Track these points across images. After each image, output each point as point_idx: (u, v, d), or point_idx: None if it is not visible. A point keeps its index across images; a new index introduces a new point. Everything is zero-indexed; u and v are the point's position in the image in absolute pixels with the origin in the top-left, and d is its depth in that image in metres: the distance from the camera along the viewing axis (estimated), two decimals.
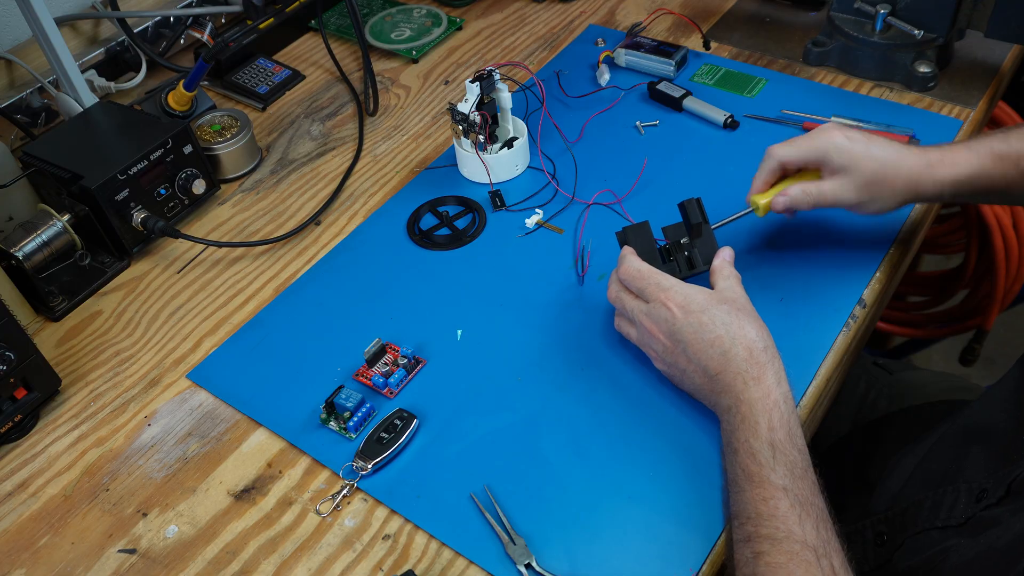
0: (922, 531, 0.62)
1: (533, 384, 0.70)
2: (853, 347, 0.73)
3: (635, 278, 0.66)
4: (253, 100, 1.04)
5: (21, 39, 0.98)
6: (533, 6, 1.15)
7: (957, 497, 0.60)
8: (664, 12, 1.07)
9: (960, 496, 0.60)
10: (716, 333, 0.62)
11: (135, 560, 0.63)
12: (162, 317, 0.80)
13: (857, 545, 0.68)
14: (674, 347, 0.64)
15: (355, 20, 1.01)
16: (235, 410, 0.72)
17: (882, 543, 0.66)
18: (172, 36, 1.07)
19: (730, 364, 0.61)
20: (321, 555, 0.62)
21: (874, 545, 0.67)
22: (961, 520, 0.59)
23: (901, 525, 0.65)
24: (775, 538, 0.53)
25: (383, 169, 0.93)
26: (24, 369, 0.69)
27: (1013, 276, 1.26)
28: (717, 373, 0.62)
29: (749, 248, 0.78)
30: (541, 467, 0.65)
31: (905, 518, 0.65)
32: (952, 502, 0.61)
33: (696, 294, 0.63)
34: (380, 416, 0.68)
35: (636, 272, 0.66)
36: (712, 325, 0.62)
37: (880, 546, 0.66)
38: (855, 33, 0.93)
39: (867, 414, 0.93)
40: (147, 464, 0.69)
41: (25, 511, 0.67)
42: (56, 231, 0.79)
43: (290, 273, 0.83)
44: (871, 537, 0.67)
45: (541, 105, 0.95)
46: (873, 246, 0.77)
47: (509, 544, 0.60)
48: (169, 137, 0.83)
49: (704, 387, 0.63)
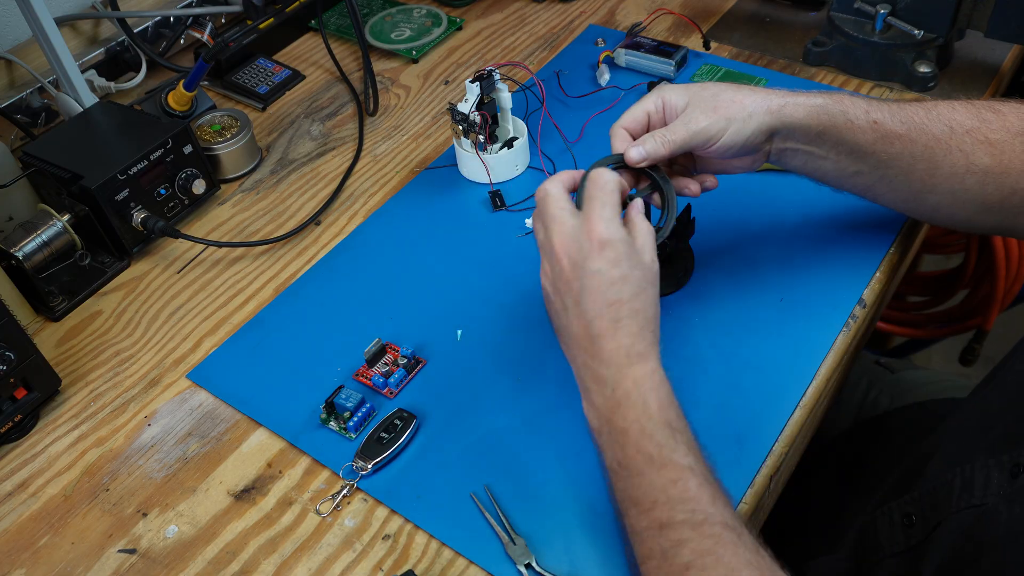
0: (959, 510, 0.58)
1: (533, 384, 0.70)
2: (853, 347, 0.73)
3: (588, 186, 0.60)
4: (253, 100, 1.04)
5: (21, 39, 0.98)
6: (533, 6, 1.15)
7: (988, 474, 0.57)
8: (664, 12, 1.07)
9: (991, 472, 0.57)
10: (619, 296, 0.56)
11: (135, 560, 0.63)
12: (162, 317, 0.80)
13: (884, 529, 0.66)
14: (571, 280, 0.58)
15: (355, 20, 1.01)
16: (235, 410, 0.72)
17: (911, 524, 0.63)
18: (172, 36, 1.07)
19: (618, 334, 0.56)
20: (321, 555, 0.62)
21: (903, 526, 0.64)
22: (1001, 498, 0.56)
23: (932, 506, 0.61)
24: (694, 522, 0.50)
25: (383, 169, 0.93)
26: (24, 369, 0.69)
27: (1013, 276, 1.26)
28: (599, 336, 0.56)
29: (749, 248, 0.78)
30: (541, 467, 0.65)
31: (937, 498, 0.61)
32: (984, 479, 0.57)
33: (622, 246, 0.57)
34: (380, 416, 0.68)
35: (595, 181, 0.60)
36: (620, 286, 0.56)
37: (910, 527, 0.63)
38: (855, 33, 0.93)
39: (868, 411, 0.93)
40: (147, 464, 0.69)
41: (25, 511, 0.67)
42: (56, 231, 0.79)
43: (290, 273, 0.83)
44: (899, 519, 0.64)
45: (541, 105, 0.95)
46: (873, 246, 0.77)
47: (509, 544, 0.60)
48: (169, 137, 0.83)
49: (580, 341, 0.58)
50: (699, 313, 0.73)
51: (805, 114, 0.65)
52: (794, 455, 0.68)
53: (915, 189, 0.69)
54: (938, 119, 0.67)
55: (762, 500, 0.63)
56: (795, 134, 0.66)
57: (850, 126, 0.66)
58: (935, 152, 0.66)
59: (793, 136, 0.67)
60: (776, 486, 0.66)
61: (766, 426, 0.65)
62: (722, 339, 0.71)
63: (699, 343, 0.71)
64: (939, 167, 0.67)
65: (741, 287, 0.75)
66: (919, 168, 0.67)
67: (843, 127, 0.66)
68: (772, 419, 0.66)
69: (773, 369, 0.69)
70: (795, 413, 0.66)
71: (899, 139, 0.66)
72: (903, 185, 0.69)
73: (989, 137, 0.66)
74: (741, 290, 0.75)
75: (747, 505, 0.61)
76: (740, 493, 0.62)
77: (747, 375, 0.69)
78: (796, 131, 0.66)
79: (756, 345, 0.70)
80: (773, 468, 0.64)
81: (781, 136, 0.67)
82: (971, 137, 0.66)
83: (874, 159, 0.68)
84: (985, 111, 0.67)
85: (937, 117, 0.67)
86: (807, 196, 0.82)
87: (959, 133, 0.66)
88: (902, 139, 0.66)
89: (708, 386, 0.68)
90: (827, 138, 0.67)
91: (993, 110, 0.67)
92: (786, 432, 0.65)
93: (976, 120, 0.66)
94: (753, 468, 0.63)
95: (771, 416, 0.66)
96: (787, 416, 0.66)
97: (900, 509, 0.65)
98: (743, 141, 0.65)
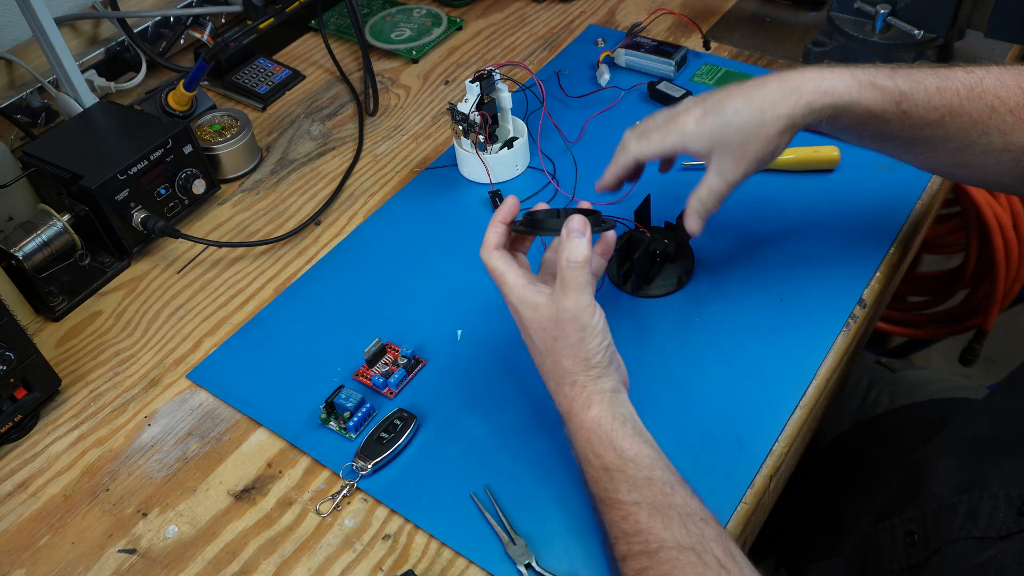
0: (958, 539, 0.59)
1: (533, 384, 0.70)
2: (853, 347, 0.73)
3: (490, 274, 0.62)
4: (253, 100, 1.04)
5: (21, 39, 0.98)
6: (533, 6, 1.15)
7: (995, 505, 0.57)
8: (664, 12, 1.07)
9: (999, 504, 0.57)
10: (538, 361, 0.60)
11: (135, 560, 0.63)
12: (162, 317, 0.80)
13: (885, 544, 0.66)
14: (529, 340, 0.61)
15: (355, 20, 1.01)
16: (235, 410, 0.72)
17: (913, 543, 0.63)
18: (172, 36, 1.07)
19: (553, 393, 0.60)
20: (321, 555, 0.62)
21: (904, 544, 0.64)
22: (1003, 533, 0.56)
23: (935, 528, 0.61)
24: (649, 551, 0.52)
25: (383, 169, 0.93)
26: (24, 369, 0.69)
27: (1013, 276, 1.26)
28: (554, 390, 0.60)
29: (749, 248, 0.78)
30: (541, 467, 0.65)
31: (939, 521, 0.61)
32: (990, 511, 0.57)
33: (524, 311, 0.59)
34: (380, 416, 0.68)
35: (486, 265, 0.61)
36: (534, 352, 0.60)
37: (911, 546, 0.63)
38: (855, 33, 0.93)
39: (869, 411, 0.93)
40: (147, 464, 0.69)
41: (25, 511, 0.67)
42: (56, 231, 0.79)
43: (290, 273, 0.83)
44: (901, 536, 0.64)
45: (541, 105, 0.95)
46: (873, 246, 0.77)
47: (509, 544, 0.60)
48: (169, 137, 0.83)
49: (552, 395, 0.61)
50: (699, 313, 0.74)
51: (830, 115, 0.63)
52: (794, 455, 0.68)
53: (944, 162, 0.67)
54: (980, 98, 0.63)
55: (762, 500, 0.63)
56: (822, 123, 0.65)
57: (876, 119, 0.63)
58: (969, 134, 0.63)
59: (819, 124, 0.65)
60: (776, 486, 0.66)
61: (766, 426, 0.65)
62: (722, 339, 0.71)
63: (699, 343, 0.71)
64: (972, 146, 0.64)
65: (741, 287, 0.75)
66: (950, 147, 0.65)
67: (868, 120, 0.63)
68: (772, 419, 0.66)
69: (773, 369, 0.69)
70: (795, 413, 0.66)
71: (929, 126, 0.63)
72: (930, 159, 0.67)
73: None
74: (741, 290, 0.75)
75: (747, 505, 0.62)
76: (740, 493, 0.62)
77: (747, 375, 0.69)
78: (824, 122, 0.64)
79: (756, 345, 0.71)
80: (773, 468, 0.64)
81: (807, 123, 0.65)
82: (1014, 116, 0.62)
83: (900, 141, 0.66)
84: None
85: (980, 96, 0.63)
86: (807, 196, 0.82)
87: (1001, 112, 0.62)
88: (932, 125, 0.63)
89: (708, 386, 0.68)
90: (852, 129, 0.65)
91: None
92: (786, 432, 0.65)
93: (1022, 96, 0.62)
94: (753, 468, 0.63)
95: (771, 416, 0.66)
96: (787, 416, 0.66)
97: (903, 526, 0.65)
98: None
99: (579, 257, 0.57)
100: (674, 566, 0.51)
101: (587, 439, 0.57)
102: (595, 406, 0.57)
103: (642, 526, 0.53)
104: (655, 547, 0.52)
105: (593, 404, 0.57)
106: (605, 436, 0.56)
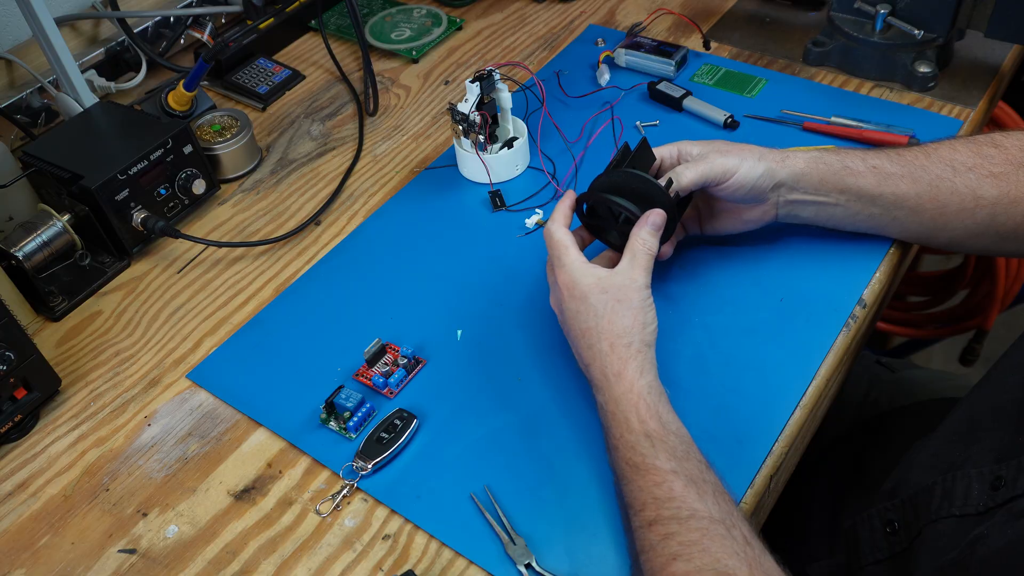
0: (938, 519, 0.60)
1: (533, 384, 0.70)
2: (853, 347, 0.73)
3: (548, 245, 0.67)
4: (253, 100, 1.04)
5: (21, 39, 0.98)
6: (533, 6, 1.15)
7: (969, 484, 0.59)
8: (664, 12, 1.07)
9: (972, 482, 0.59)
10: (587, 325, 0.63)
11: (135, 560, 0.63)
12: (162, 317, 0.80)
13: (864, 533, 0.67)
14: (563, 321, 0.66)
15: (355, 20, 1.01)
16: (235, 410, 0.72)
17: (894, 531, 0.65)
18: (172, 36, 1.07)
19: (596, 358, 0.62)
20: (321, 555, 0.62)
21: (884, 533, 0.65)
22: (981, 509, 0.57)
23: (913, 512, 0.63)
24: (680, 517, 0.53)
25: (383, 169, 0.93)
26: (24, 369, 0.69)
27: (1013, 276, 1.26)
28: (587, 364, 0.63)
29: (749, 248, 0.78)
30: (541, 467, 0.65)
31: (917, 504, 0.63)
32: (965, 488, 0.59)
33: (583, 279, 0.64)
34: (380, 416, 0.68)
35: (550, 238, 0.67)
36: (586, 315, 0.63)
37: (892, 534, 0.65)
38: (855, 33, 0.93)
39: (868, 411, 0.93)
40: (147, 464, 0.69)
41: (25, 511, 0.67)
42: (56, 231, 0.79)
43: (290, 273, 0.83)
44: (879, 525, 0.66)
45: (541, 105, 0.95)
46: (873, 246, 0.77)
47: (509, 544, 0.60)
48: (169, 137, 0.83)
49: (584, 370, 0.65)
50: (699, 313, 0.74)
51: (804, 164, 0.70)
52: (794, 455, 0.68)
53: (928, 226, 0.71)
54: (939, 160, 0.69)
55: (762, 500, 0.63)
56: (800, 184, 0.70)
57: (849, 171, 0.70)
58: (940, 190, 0.69)
59: (798, 187, 0.70)
60: (776, 486, 0.66)
61: (766, 426, 0.65)
62: (722, 339, 0.71)
63: (699, 343, 0.71)
64: (947, 204, 0.69)
65: (741, 287, 0.75)
66: (928, 207, 0.69)
67: (842, 172, 0.70)
68: (772, 419, 0.66)
69: (773, 369, 0.69)
70: (795, 413, 0.66)
71: (902, 179, 0.69)
72: (915, 223, 0.71)
73: (992, 171, 0.67)
74: (741, 290, 0.75)
75: (747, 505, 0.62)
76: (740, 493, 0.62)
77: (747, 375, 0.69)
78: (800, 180, 0.70)
79: (756, 345, 0.71)
80: (773, 468, 0.64)
81: (787, 187, 0.70)
82: (975, 173, 0.68)
83: (882, 200, 0.70)
84: (986, 147, 0.69)
85: (938, 159, 0.69)
86: None
87: (962, 171, 0.68)
88: (904, 179, 0.69)
89: (708, 386, 0.68)
90: (830, 184, 0.70)
91: (994, 144, 0.69)
92: (786, 432, 0.65)
93: (977, 157, 0.68)
94: (753, 468, 0.63)
95: (771, 416, 0.66)
96: (787, 416, 0.66)
97: (881, 516, 0.66)
98: (753, 181, 0.69)
99: (654, 249, 0.65)
100: (704, 535, 0.52)
101: (634, 404, 0.59)
102: (647, 373, 0.61)
103: (676, 493, 0.54)
104: (686, 515, 0.53)
105: (646, 371, 0.61)
106: (653, 405, 0.59)
